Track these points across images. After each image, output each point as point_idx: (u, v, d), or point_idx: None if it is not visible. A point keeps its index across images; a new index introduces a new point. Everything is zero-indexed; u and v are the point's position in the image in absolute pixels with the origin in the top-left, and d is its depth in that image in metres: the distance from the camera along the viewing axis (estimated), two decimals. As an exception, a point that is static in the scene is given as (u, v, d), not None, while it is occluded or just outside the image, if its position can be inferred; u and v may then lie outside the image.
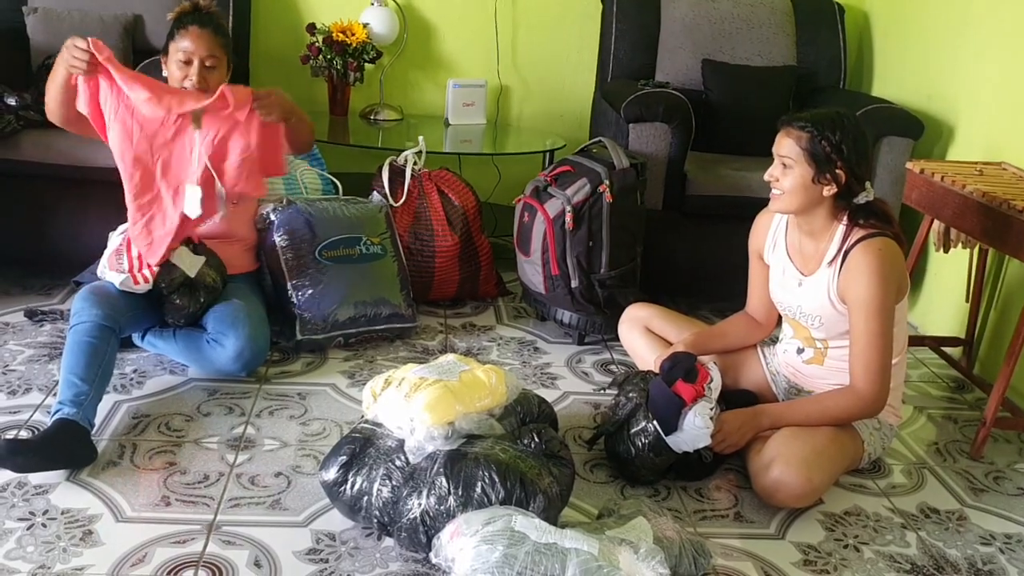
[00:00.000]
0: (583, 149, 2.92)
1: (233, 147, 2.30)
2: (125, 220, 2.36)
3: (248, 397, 2.37)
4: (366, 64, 3.56)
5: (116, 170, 2.33)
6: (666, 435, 2.02)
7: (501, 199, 3.76)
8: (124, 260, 2.31)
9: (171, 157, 2.31)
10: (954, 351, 2.90)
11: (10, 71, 3.03)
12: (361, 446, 1.87)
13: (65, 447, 1.95)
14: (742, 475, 2.15)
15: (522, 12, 3.79)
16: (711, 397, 2.05)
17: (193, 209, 2.29)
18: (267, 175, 2.40)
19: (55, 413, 2.00)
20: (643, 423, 2.05)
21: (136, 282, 2.30)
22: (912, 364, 2.92)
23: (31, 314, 2.71)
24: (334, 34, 3.49)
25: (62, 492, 1.92)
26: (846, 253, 2.05)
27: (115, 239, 2.38)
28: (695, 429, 2.01)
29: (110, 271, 2.31)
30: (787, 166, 2.05)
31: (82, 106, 2.25)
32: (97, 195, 2.72)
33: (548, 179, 2.80)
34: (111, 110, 2.26)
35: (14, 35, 3.15)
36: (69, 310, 2.73)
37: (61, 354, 2.45)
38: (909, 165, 2.73)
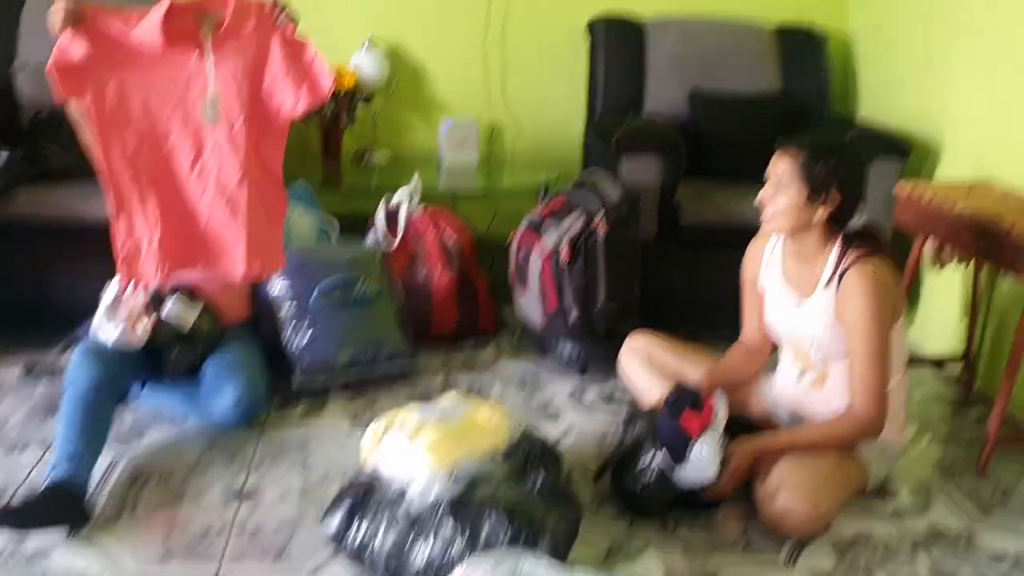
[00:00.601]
0: (576, 183, 2.93)
1: (270, 66, 2.31)
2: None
3: (249, 446, 2.36)
4: (358, 105, 3.58)
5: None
6: (673, 468, 2.01)
7: (497, 235, 3.76)
8: (120, 314, 2.30)
9: (177, 105, 2.27)
10: (954, 368, 2.89)
11: (2, 127, 3.04)
12: (364, 493, 1.86)
13: (60, 509, 1.93)
14: (749, 504, 2.13)
15: (511, 50, 3.82)
16: (717, 429, 2.04)
17: (216, 116, 2.27)
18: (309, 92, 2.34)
19: (50, 473, 1.98)
20: (650, 457, 2.04)
21: (132, 334, 2.29)
22: (913, 383, 2.90)
23: (30, 368, 2.70)
24: (324, 79, 3.51)
25: (61, 554, 1.89)
26: (841, 275, 2.06)
27: (109, 294, 2.37)
28: (702, 461, 2.00)
29: (106, 326, 2.30)
30: (782, 186, 2.07)
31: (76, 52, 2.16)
32: (93, 248, 2.69)
33: (543, 214, 2.82)
34: (95, 68, 2.20)
35: (4, 92, 3.17)
36: (66, 365, 2.74)
37: (58, 411, 2.46)
38: (899, 187, 2.74)
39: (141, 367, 2.37)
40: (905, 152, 3.07)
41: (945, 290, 3.05)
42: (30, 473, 2.18)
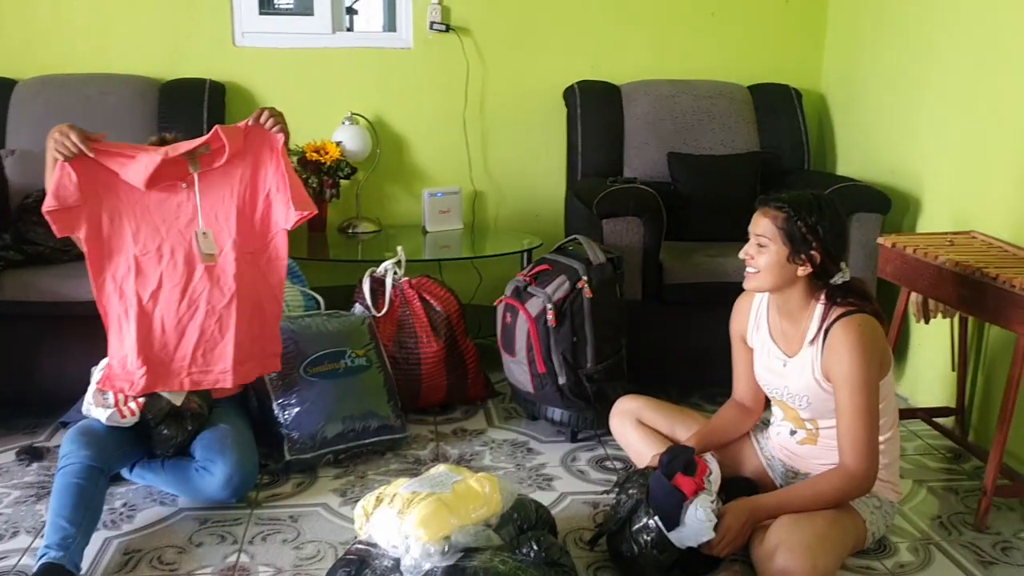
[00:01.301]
0: (559, 247, 2.95)
1: (261, 185, 2.38)
2: (106, 355, 2.36)
3: (240, 523, 2.33)
4: (341, 180, 3.62)
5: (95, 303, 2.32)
6: (668, 531, 1.99)
7: (483, 300, 3.79)
8: (109, 395, 2.30)
9: (169, 232, 2.33)
10: (946, 421, 2.89)
11: (-11, 214, 3.07)
12: (357, 568, 1.84)
13: None
14: (747, 565, 2.11)
15: (490, 120, 3.88)
16: (711, 490, 2.03)
17: (210, 247, 2.33)
18: (301, 202, 2.40)
19: (41, 557, 1.96)
20: (645, 520, 2.02)
21: (123, 416, 2.28)
22: (906, 437, 2.90)
23: (21, 453, 2.67)
24: (308, 154, 3.56)
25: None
26: (826, 331, 2.07)
27: (97, 374, 2.36)
28: (697, 523, 1.98)
29: (95, 408, 2.29)
30: (763, 245, 2.09)
31: (70, 187, 2.23)
32: (78, 331, 2.71)
33: (527, 279, 2.83)
34: (95, 194, 2.27)
35: (-8, 178, 3.20)
36: (57, 448, 2.72)
37: (48, 494, 2.42)
38: (881, 240, 2.78)
39: (131, 446, 2.36)
40: (885, 205, 3.12)
41: (933, 342, 3.06)
42: (20, 559, 2.14)
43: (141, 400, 2.30)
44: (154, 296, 2.33)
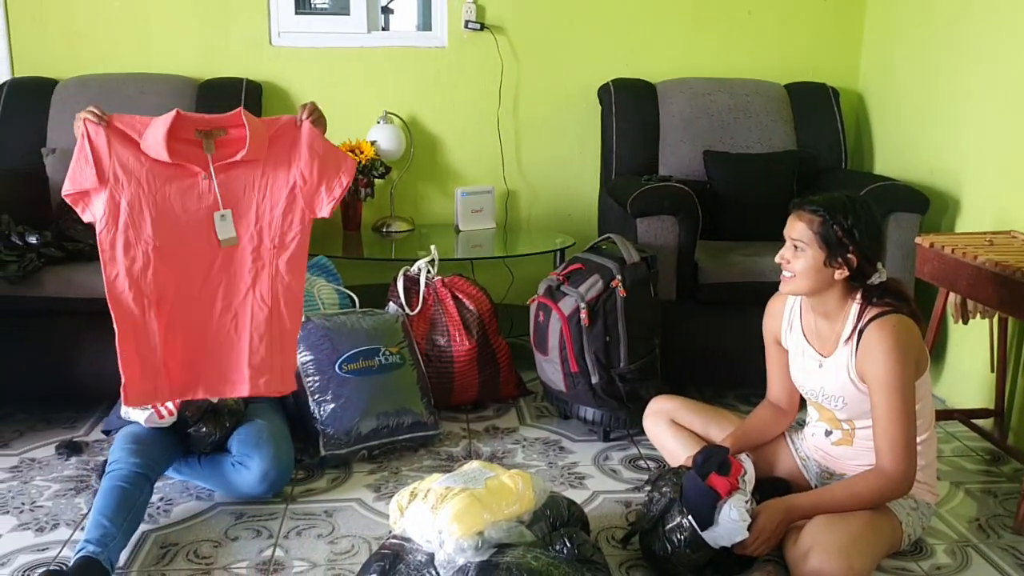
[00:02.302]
0: (593, 246, 2.95)
1: (284, 180, 2.29)
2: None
3: (275, 518, 2.35)
4: (376, 179, 3.64)
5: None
6: (702, 530, 1.99)
7: (516, 300, 3.80)
8: None
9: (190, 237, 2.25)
10: (985, 423, 2.86)
11: (30, 210, 3.12)
12: (391, 562, 1.85)
13: None
14: (781, 565, 2.10)
15: (523, 118, 3.89)
16: (746, 490, 2.02)
17: (229, 231, 2.25)
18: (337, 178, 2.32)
19: (80, 551, 1.98)
20: (678, 519, 2.02)
21: (161, 416, 2.31)
22: (943, 438, 2.87)
23: (61, 447, 2.72)
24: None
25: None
26: (860, 332, 2.05)
27: None
28: (731, 523, 1.97)
29: (133, 410, 2.32)
30: (799, 249, 2.07)
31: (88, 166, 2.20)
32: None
33: (560, 278, 2.83)
34: (113, 175, 2.21)
35: (34, 176, 3.25)
36: (96, 443, 2.76)
37: (87, 488, 2.47)
38: (919, 240, 2.74)
39: (173, 447, 2.39)
40: (924, 205, 3.08)
41: (972, 343, 3.02)
42: (60, 551, 2.18)
43: (178, 400, 2.32)
44: (168, 292, 2.24)
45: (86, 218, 2.23)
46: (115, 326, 2.20)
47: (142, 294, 2.21)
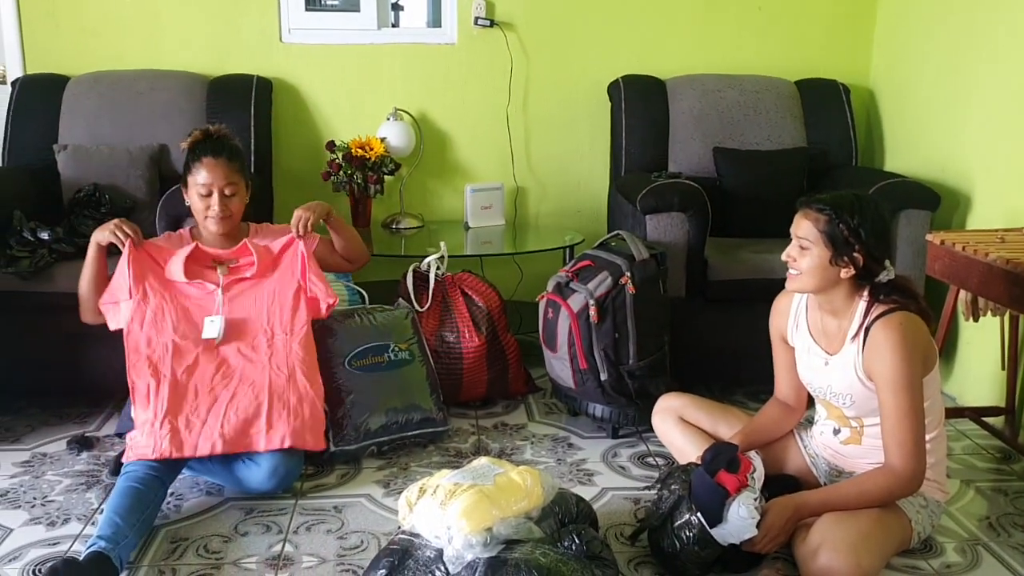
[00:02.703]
0: (602, 243, 2.95)
1: (292, 287, 2.59)
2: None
3: (285, 514, 2.36)
4: (385, 176, 3.65)
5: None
6: (711, 527, 1.98)
7: (525, 296, 3.79)
8: None
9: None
10: (995, 421, 2.85)
11: (43, 206, 3.14)
12: (400, 558, 1.85)
13: None
14: (790, 563, 2.10)
15: (533, 115, 3.89)
16: (755, 487, 2.02)
17: (213, 331, 2.48)
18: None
19: (91, 545, 1.99)
20: (687, 516, 2.02)
21: None
22: (954, 436, 2.86)
23: (72, 442, 2.73)
24: (353, 150, 3.59)
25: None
26: (867, 329, 2.04)
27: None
28: (740, 520, 1.97)
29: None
30: (804, 247, 2.07)
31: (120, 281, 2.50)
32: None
33: (569, 274, 2.83)
34: (141, 289, 2.49)
35: (46, 172, 3.27)
36: (107, 437, 2.78)
37: (98, 483, 2.49)
38: (929, 237, 2.73)
39: None
40: (934, 202, 3.07)
41: (983, 341, 3.01)
42: (71, 545, 2.19)
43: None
44: (189, 370, 2.41)
45: (112, 325, 2.52)
46: (130, 393, 2.41)
47: (160, 373, 2.40)
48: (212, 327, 2.47)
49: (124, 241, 2.49)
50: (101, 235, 2.51)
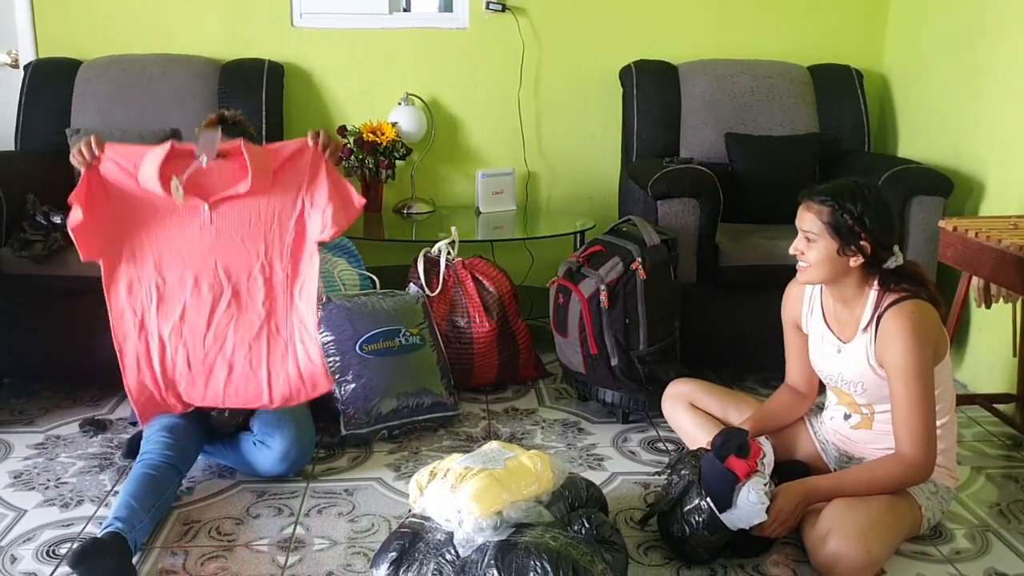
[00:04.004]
0: (613, 228, 2.95)
1: (292, 208, 2.25)
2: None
3: (296, 496, 2.38)
4: (397, 161, 3.65)
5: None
6: (720, 512, 1.99)
7: (535, 281, 3.80)
8: None
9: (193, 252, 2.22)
10: (1006, 408, 2.84)
11: (56, 190, 3.13)
12: (410, 541, 1.87)
13: (112, 565, 1.93)
14: (799, 548, 2.10)
15: (544, 100, 3.88)
16: (764, 472, 2.02)
17: (209, 150, 2.15)
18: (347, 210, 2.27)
19: (107, 526, 2.01)
20: (696, 501, 2.02)
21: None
22: (964, 423, 2.85)
23: (89, 423, 2.75)
24: (364, 135, 3.59)
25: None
26: (879, 318, 2.04)
27: None
28: (750, 505, 1.98)
29: None
30: (811, 240, 2.06)
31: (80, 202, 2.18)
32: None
33: (580, 260, 2.83)
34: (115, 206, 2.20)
35: (58, 156, 3.27)
36: (120, 420, 2.80)
37: (111, 465, 2.51)
38: (942, 223, 2.72)
39: (203, 434, 2.41)
40: (947, 188, 3.05)
41: (994, 328, 3.00)
42: (85, 527, 2.22)
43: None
44: (176, 330, 2.24)
45: (87, 256, 2.20)
46: (120, 361, 2.24)
47: (146, 330, 2.23)
48: (208, 143, 2.14)
49: (83, 165, 2.18)
50: (74, 162, 2.22)
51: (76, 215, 2.17)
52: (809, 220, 2.05)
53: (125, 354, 2.24)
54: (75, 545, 1.93)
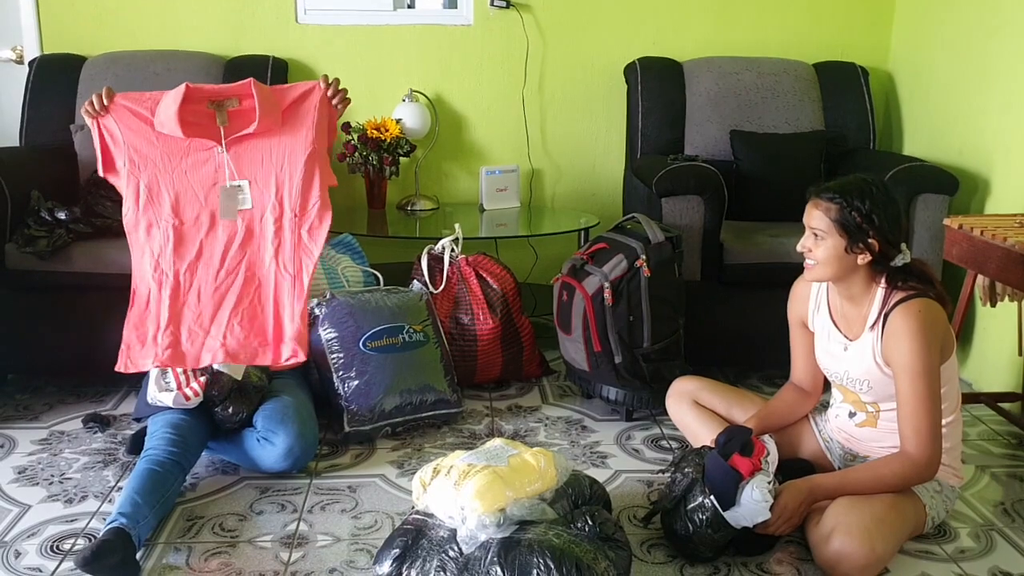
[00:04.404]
0: (617, 226, 2.94)
1: (302, 147, 2.30)
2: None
3: (299, 493, 2.38)
4: (401, 158, 3.65)
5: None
6: (724, 510, 1.99)
7: (539, 279, 3.80)
8: (170, 379, 2.35)
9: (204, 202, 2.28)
10: (1012, 406, 2.83)
11: (60, 186, 3.16)
12: (413, 538, 1.87)
13: (116, 561, 1.93)
14: (803, 547, 2.10)
15: (548, 97, 3.87)
16: (768, 470, 2.02)
17: (230, 210, 2.24)
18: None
19: (112, 522, 2.01)
20: (700, 499, 2.02)
21: (187, 398, 2.34)
22: (969, 422, 2.85)
23: (91, 419, 2.75)
24: (369, 131, 3.59)
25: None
26: (886, 316, 2.03)
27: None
28: (753, 503, 1.97)
29: (160, 393, 2.35)
30: (819, 237, 2.06)
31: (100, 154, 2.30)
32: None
33: (584, 257, 2.82)
34: (128, 153, 2.28)
35: (63, 152, 3.29)
36: (123, 416, 2.80)
37: (115, 460, 2.51)
38: (947, 221, 2.71)
39: (206, 430, 2.41)
40: (952, 186, 3.04)
41: (999, 326, 2.99)
42: (88, 522, 2.22)
43: (203, 380, 2.35)
44: (191, 267, 2.31)
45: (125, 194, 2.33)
46: (131, 299, 2.31)
47: (160, 270, 2.28)
48: (230, 200, 2.24)
49: (93, 116, 2.27)
50: (84, 114, 2.31)
51: (99, 167, 2.31)
52: (817, 217, 2.05)
53: (137, 293, 2.30)
54: (84, 548, 1.93)
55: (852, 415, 2.22)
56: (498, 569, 1.73)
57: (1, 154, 3.02)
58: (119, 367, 2.31)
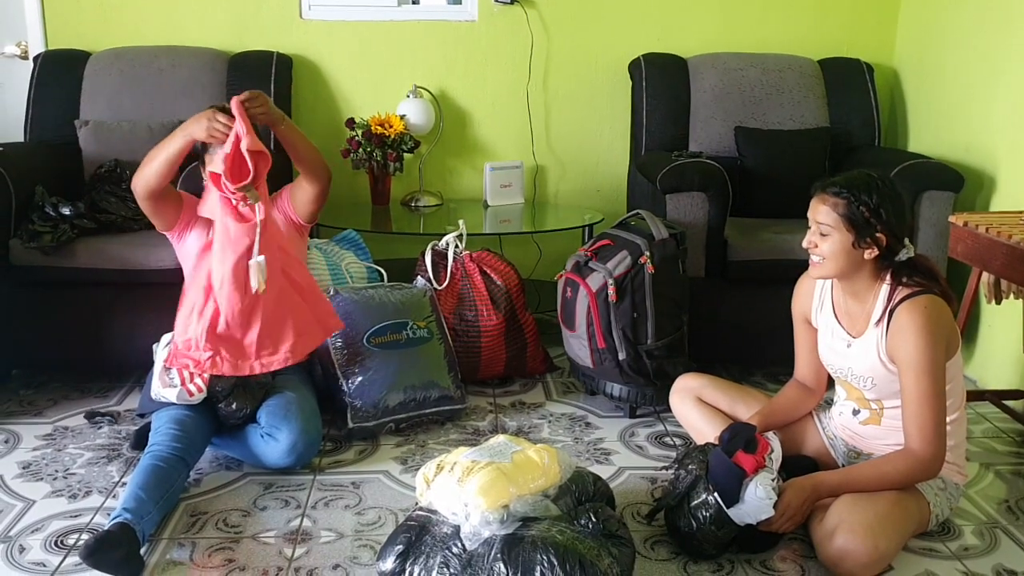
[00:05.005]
0: (621, 222, 2.94)
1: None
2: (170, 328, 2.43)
3: (303, 489, 2.38)
4: (405, 154, 3.64)
5: (168, 271, 2.36)
6: (728, 507, 1.98)
7: (543, 275, 3.79)
8: (174, 375, 2.35)
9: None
10: (1016, 404, 2.82)
11: (64, 182, 3.16)
12: (417, 534, 1.87)
13: (120, 556, 1.94)
14: (807, 544, 2.10)
15: (553, 94, 3.87)
16: (772, 468, 2.02)
17: (259, 281, 2.29)
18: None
19: (116, 517, 2.01)
20: (704, 496, 2.02)
21: (191, 393, 2.34)
22: (974, 419, 2.84)
23: (91, 415, 2.76)
24: (373, 127, 3.58)
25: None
26: (891, 313, 2.03)
27: (162, 352, 2.42)
28: (757, 500, 1.97)
29: (164, 388, 2.35)
30: (825, 233, 2.05)
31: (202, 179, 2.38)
32: (151, 297, 2.79)
33: (588, 253, 2.82)
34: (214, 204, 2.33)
35: (67, 148, 3.29)
36: (127, 412, 2.81)
37: (119, 456, 2.51)
38: (952, 218, 2.71)
39: (210, 426, 2.41)
40: (958, 183, 3.03)
41: (1005, 323, 2.98)
42: (93, 518, 2.22)
43: (206, 376, 2.35)
44: (220, 290, 2.34)
45: (162, 227, 2.45)
46: (180, 300, 2.41)
47: (208, 295, 2.35)
48: (259, 272, 2.29)
49: (221, 138, 2.22)
50: (196, 128, 2.24)
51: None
52: (824, 212, 2.04)
53: (184, 301, 2.39)
54: (88, 539, 1.93)
55: (856, 412, 2.22)
56: (501, 566, 1.74)
57: (5, 149, 3.02)
58: (168, 362, 2.36)
